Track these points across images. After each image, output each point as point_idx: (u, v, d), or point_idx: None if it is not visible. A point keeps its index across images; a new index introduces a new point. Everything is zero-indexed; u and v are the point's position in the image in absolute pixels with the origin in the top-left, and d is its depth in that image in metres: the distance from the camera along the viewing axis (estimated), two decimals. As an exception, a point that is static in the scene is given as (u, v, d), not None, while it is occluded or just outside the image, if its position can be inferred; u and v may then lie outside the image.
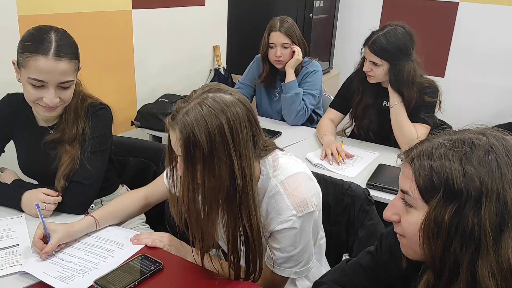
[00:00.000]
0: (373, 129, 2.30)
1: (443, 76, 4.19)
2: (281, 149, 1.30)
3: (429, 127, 2.14)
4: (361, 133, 2.35)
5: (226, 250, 1.24)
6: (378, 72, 2.12)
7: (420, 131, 2.11)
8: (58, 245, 1.27)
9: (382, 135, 2.28)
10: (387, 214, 0.89)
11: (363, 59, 2.18)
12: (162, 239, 1.35)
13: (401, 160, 0.89)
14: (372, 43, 2.08)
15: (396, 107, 2.13)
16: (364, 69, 2.16)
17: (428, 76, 2.23)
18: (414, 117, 2.13)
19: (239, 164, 1.08)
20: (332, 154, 2.05)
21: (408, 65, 2.07)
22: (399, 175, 0.87)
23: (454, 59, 4.12)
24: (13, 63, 1.47)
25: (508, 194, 0.74)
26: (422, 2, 4.11)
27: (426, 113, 2.13)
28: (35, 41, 1.39)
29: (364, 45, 2.14)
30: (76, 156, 1.53)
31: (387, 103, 2.23)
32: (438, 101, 2.16)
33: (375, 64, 2.10)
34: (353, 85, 2.31)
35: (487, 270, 0.73)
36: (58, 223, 1.31)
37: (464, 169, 0.76)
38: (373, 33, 2.11)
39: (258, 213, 1.15)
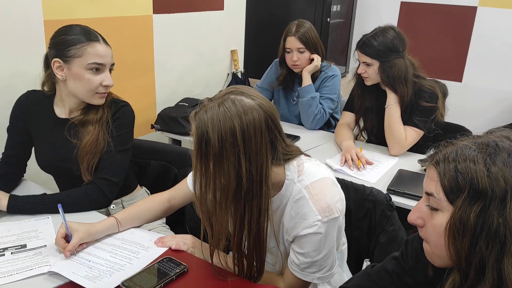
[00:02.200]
0: (375, 132, 2.33)
1: (460, 81, 4.16)
2: (307, 155, 1.31)
3: (421, 132, 2.15)
4: (363, 136, 2.42)
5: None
6: (371, 72, 2.16)
7: (409, 134, 2.14)
8: (80, 245, 1.30)
9: (383, 135, 2.30)
10: (412, 217, 0.91)
11: (359, 63, 2.23)
12: (185, 241, 1.37)
13: (422, 166, 0.90)
14: (362, 44, 2.15)
15: (391, 107, 2.16)
16: (359, 71, 2.22)
17: (444, 81, 2.24)
18: (406, 120, 2.16)
19: (247, 167, 1.10)
20: (352, 159, 2.06)
21: (398, 62, 2.11)
22: (424, 179, 0.89)
23: (472, 64, 4.09)
24: (56, 62, 1.53)
25: None
26: (440, 7, 4.10)
27: (420, 117, 2.14)
28: (83, 33, 1.53)
29: (356, 48, 2.20)
30: (99, 137, 1.59)
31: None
32: (437, 107, 2.15)
33: (367, 64, 2.16)
34: (353, 90, 2.36)
35: None
36: (80, 223, 1.33)
37: (489, 170, 0.78)
38: (363, 36, 2.18)
39: (263, 219, 1.16)
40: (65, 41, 1.51)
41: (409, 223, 0.92)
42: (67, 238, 1.29)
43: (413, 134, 2.14)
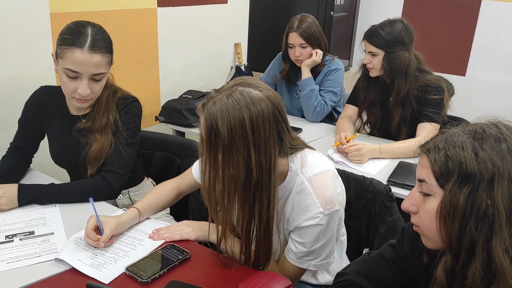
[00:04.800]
0: (378, 126, 2.36)
1: (464, 75, 4.17)
2: (312, 148, 1.33)
3: (437, 126, 2.15)
4: (365, 129, 2.43)
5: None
6: (376, 62, 2.17)
7: (427, 130, 2.11)
8: (110, 238, 1.31)
9: (385, 129, 2.33)
10: (406, 204, 0.94)
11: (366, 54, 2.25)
12: (180, 227, 1.40)
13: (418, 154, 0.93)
14: (369, 34, 2.17)
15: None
16: (364, 61, 2.23)
17: (447, 75, 2.24)
18: (421, 115, 2.16)
19: (256, 158, 1.12)
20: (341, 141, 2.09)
21: (403, 54, 2.12)
22: (417, 167, 0.92)
23: (476, 58, 4.10)
24: (52, 55, 1.56)
25: None
26: (444, 0, 4.09)
27: (433, 110, 2.15)
28: (72, 35, 1.48)
29: (363, 38, 2.21)
30: (105, 144, 1.61)
31: None
32: (445, 99, 2.17)
33: (373, 54, 2.17)
34: (358, 83, 2.38)
35: (501, 248, 0.78)
36: (108, 216, 1.36)
37: (477, 154, 0.81)
38: (371, 26, 2.19)
39: (272, 209, 1.18)
40: (59, 38, 1.51)
41: (404, 211, 0.95)
42: (97, 230, 1.31)
43: (431, 129, 2.11)
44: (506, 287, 0.78)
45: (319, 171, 1.25)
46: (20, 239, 1.33)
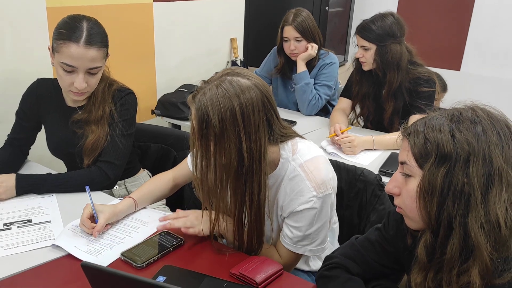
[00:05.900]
0: (371, 119, 2.40)
1: (459, 70, 4.19)
2: (302, 137, 1.36)
3: None
4: (359, 122, 2.48)
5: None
6: (368, 56, 2.21)
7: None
8: (105, 225, 1.34)
9: (378, 122, 2.37)
10: (389, 187, 0.98)
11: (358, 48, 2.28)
12: (194, 223, 1.32)
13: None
14: (361, 28, 2.20)
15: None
16: (356, 55, 2.27)
17: (442, 69, 2.28)
18: (413, 107, 2.19)
19: (247, 145, 1.15)
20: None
21: (394, 47, 2.15)
22: (399, 151, 0.96)
23: (471, 53, 4.12)
24: (48, 48, 1.58)
25: (493, 154, 0.83)
26: (439, -5, 4.12)
27: (425, 102, 2.18)
28: (68, 29, 1.50)
29: (355, 33, 2.25)
30: (101, 135, 1.64)
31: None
32: (436, 92, 2.21)
33: (365, 49, 2.20)
34: (351, 76, 2.42)
35: (477, 223, 0.82)
36: (103, 205, 1.39)
37: (453, 135, 0.86)
38: (363, 21, 2.23)
39: (263, 194, 1.22)
40: (55, 32, 1.53)
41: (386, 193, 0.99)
42: (92, 219, 1.34)
43: None
44: (481, 261, 0.82)
45: (310, 157, 1.28)
46: (18, 227, 1.37)
